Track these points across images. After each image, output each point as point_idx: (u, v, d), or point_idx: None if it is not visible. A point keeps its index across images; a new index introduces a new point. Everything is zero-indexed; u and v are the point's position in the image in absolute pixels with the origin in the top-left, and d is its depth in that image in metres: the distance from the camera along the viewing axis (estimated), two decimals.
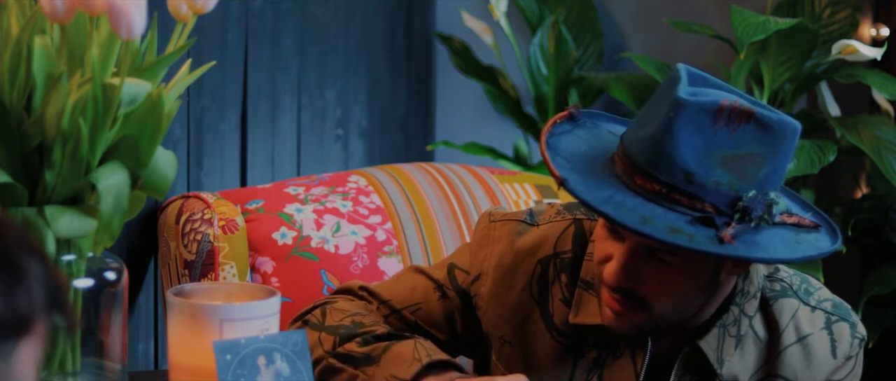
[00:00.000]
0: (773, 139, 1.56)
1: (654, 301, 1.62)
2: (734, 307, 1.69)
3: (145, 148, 1.36)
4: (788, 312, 1.73)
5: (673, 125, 1.54)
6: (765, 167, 1.56)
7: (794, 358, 1.72)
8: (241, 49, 2.65)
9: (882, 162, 2.98)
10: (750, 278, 1.70)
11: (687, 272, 1.61)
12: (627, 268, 1.60)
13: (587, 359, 1.73)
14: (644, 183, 1.56)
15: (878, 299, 3.30)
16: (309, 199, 2.24)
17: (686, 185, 1.54)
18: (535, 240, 1.77)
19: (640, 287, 1.61)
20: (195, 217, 2.17)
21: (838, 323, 1.75)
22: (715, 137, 1.55)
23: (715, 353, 1.68)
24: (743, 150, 1.55)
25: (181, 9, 1.42)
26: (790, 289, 1.75)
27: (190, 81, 1.45)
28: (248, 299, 1.49)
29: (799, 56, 3.14)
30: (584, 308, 1.71)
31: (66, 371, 1.38)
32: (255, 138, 2.70)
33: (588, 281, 1.72)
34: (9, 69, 1.33)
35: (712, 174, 1.54)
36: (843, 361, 1.74)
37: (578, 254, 1.74)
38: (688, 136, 1.54)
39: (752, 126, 1.55)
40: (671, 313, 1.64)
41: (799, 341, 1.72)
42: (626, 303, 1.62)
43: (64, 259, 1.36)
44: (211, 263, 2.13)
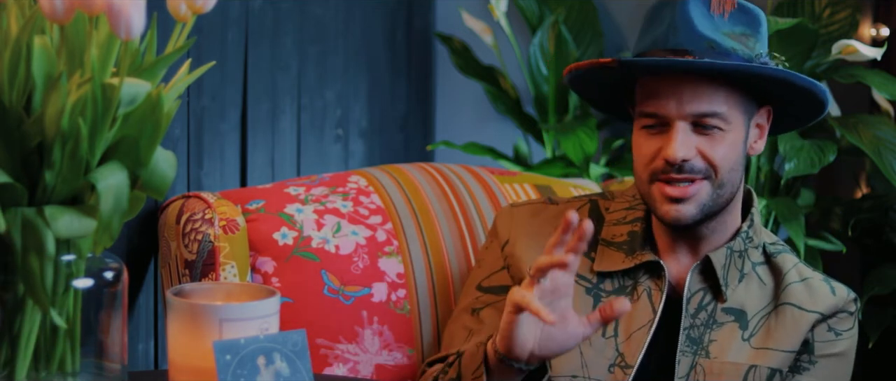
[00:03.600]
0: (755, 22, 1.88)
1: (715, 166, 1.85)
2: (741, 239, 1.93)
3: (145, 148, 1.36)
4: (791, 262, 1.98)
5: (686, 10, 1.85)
6: (758, 43, 1.87)
7: (799, 290, 1.94)
8: (241, 49, 2.65)
9: (882, 162, 2.98)
10: (755, 226, 1.96)
11: (729, 140, 1.85)
12: (682, 141, 1.83)
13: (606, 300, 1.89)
14: (679, 57, 1.83)
15: (878, 299, 3.30)
16: (309, 199, 2.24)
17: (711, 51, 1.83)
18: (555, 212, 2.02)
19: (699, 158, 1.84)
20: (196, 217, 2.17)
21: (836, 282, 1.99)
22: (716, 20, 1.86)
23: (722, 270, 1.91)
24: (738, 30, 1.87)
25: (181, 9, 1.42)
26: (790, 251, 2.00)
27: (190, 80, 1.45)
28: (248, 299, 1.49)
29: (799, 56, 3.13)
30: (607, 259, 1.95)
31: (65, 371, 1.38)
32: (255, 138, 2.70)
33: (608, 241, 1.96)
34: (8, 69, 1.33)
35: (727, 43, 1.85)
36: (844, 308, 1.95)
37: (594, 221, 1.92)
38: (699, 17, 1.85)
39: (739, 11, 1.87)
40: (727, 182, 1.86)
41: (802, 280, 1.96)
42: (690, 180, 1.84)
43: (64, 259, 1.36)
44: (211, 263, 2.13)
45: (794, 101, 1.92)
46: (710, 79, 1.84)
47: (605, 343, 1.91)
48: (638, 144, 1.89)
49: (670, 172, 1.85)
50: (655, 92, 1.86)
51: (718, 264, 1.91)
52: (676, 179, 1.85)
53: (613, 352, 1.90)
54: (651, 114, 1.86)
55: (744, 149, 1.90)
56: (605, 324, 1.75)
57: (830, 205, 3.37)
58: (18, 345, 1.35)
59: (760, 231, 1.99)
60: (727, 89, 1.85)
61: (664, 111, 1.85)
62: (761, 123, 1.94)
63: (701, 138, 1.85)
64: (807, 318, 1.92)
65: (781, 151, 3.03)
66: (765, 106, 1.94)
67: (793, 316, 1.92)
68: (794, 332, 1.92)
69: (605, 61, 1.87)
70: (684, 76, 1.84)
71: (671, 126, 1.85)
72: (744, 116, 1.89)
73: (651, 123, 1.86)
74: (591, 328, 1.69)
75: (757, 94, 1.90)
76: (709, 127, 1.84)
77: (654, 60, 1.84)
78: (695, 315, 1.91)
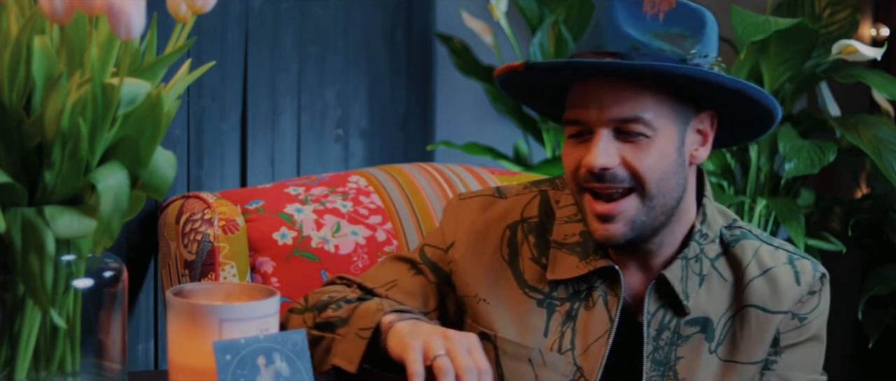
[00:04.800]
0: (696, 22, 1.76)
1: (640, 176, 1.72)
2: (694, 244, 1.82)
3: (145, 148, 1.36)
4: (750, 250, 1.85)
5: (611, 10, 1.75)
6: (697, 44, 1.74)
7: (761, 288, 1.83)
8: (241, 49, 2.65)
9: (882, 162, 2.98)
10: (708, 220, 1.83)
11: (656, 147, 1.73)
12: (603, 149, 1.71)
13: (560, 313, 1.83)
14: (598, 59, 1.73)
15: (878, 300, 3.30)
16: (309, 199, 2.24)
17: (635, 53, 1.72)
18: (504, 209, 1.90)
19: (622, 167, 1.73)
20: (195, 217, 2.17)
21: (800, 260, 1.87)
22: (648, 21, 1.75)
23: (680, 284, 1.80)
24: (674, 30, 1.74)
25: (180, 9, 1.42)
26: (750, 233, 1.87)
27: (190, 80, 1.45)
28: (248, 299, 1.49)
29: (799, 56, 3.14)
30: (560, 265, 1.84)
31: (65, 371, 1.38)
32: (255, 138, 2.70)
33: (560, 242, 1.85)
34: (8, 69, 1.33)
35: (656, 43, 1.73)
36: (808, 292, 1.85)
37: (545, 219, 1.88)
38: (625, 17, 1.74)
39: (677, 11, 1.76)
40: (657, 193, 1.74)
41: (763, 273, 1.84)
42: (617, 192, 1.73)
43: (64, 259, 1.36)
44: (211, 263, 2.13)
45: (737, 107, 1.79)
46: (634, 82, 1.72)
47: (560, 359, 1.81)
48: (565, 153, 1.79)
49: (593, 182, 1.74)
50: (578, 98, 1.75)
51: (675, 279, 1.80)
52: (600, 189, 1.74)
53: (571, 367, 1.81)
54: (574, 121, 1.75)
55: (680, 157, 1.76)
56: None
57: (830, 205, 3.37)
58: (18, 345, 1.35)
59: (715, 218, 1.86)
60: (655, 93, 1.73)
61: (585, 117, 1.73)
62: (703, 129, 1.80)
63: (625, 146, 1.73)
64: (772, 320, 1.82)
65: (781, 151, 3.03)
66: (706, 110, 1.80)
67: (758, 320, 1.82)
68: (760, 339, 1.82)
69: (516, 66, 1.77)
70: (606, 80, 1.73)
71: (594, 133, 1.74)
72: (676, 121, 1.75)
73: (575, 130, 1.76)
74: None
75: (693, 98, 1.77)
76: (632, 134, 1.72)
77: (562, 61, 1.74)
78: (657, 337, 1.80)
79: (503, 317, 1.84)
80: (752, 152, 3.26)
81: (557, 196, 1.89)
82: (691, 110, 1.78)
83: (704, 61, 1.74)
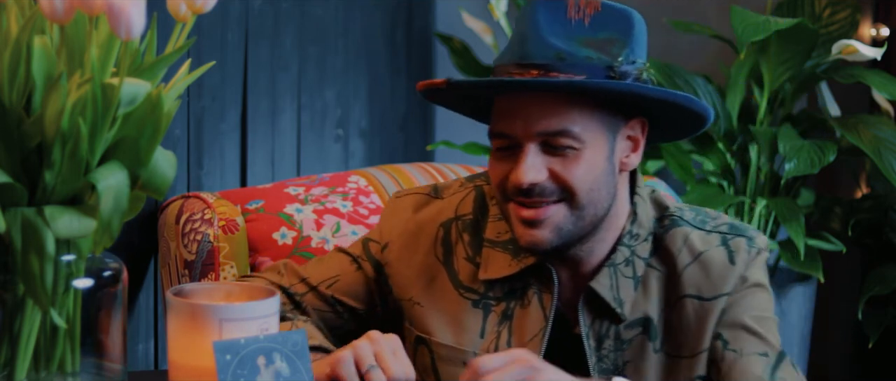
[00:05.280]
0: (624, 25, 1.70)
1: (568, 186, 1.69)
2: (623, 248, 1.77)
3: (145, 148, 1.36)
4: (680, 238, 1.79)
5: (534, 18, 1.69)
6: (625, 49, 1.69)
7: (694, 275, 1.77)
8: (241, 49, 2.65)
9: (882, 162, 2.98)
10: (638, 220, 1.79)
11: (585, 159, 1.69)
12: (530, 164, 1.68)
13: (496, 313, 1.80)
14: (522, 72, 1.68)
15: (879, 300, 3.30)
16: (309, 199, 2.24)
17: (560, 63, 1.67)
18: (438, 208, 1.87)
19: (551, 179, 1.69)
20: (195, 217, 2.17)
21: (734, 239, 1.79)
22: (574, 26, 1.69)
23: (610, 292, 1.75)
24: (601, 35, 1.69)
25: (180, 9, 1.42)
26: (680, 220, 1.81)
27: (190, 80, 1.45)
28: (248, 300, 1.49)
29: (799, 56, 3.14)
30: (492, 264, 1.80)
31: (65, 371, 1.38)
32: (255, 138, 2.70)
33: (493, 240, 1.81)
34: (8, 69, 1.33)
35: (582, 52, 1.67)
36: (743, 272, 1.77)
37: (479, 216, 1.84)
38: (549, 24, 1.69)
39: (603, 14, 1.70)
40: (587, 203, 1.70)
41: (695, 259, 1.77)
42: (544, 203, 1.69)
43: (64, 259, 1.36)
44: (211, 263, 2.13)
45: (664, 108, 1.74)
46: (560, 95, 1.68)
47: None
48: (491, 165, 1.74)
49: (520, 196, 1.70)
50: (504, 111, 1.70)
51: (603, 289, 1.75)
52: (528, 203, 1.70)
53: None
54: (499, 134, 1.71)
55: (610, 166, 1.72)
56: None
57: (830, 205, 3.37)
58: (18, 345, 1.35)
59: (647, 213, 1.81)
60: (582, 105, 1.68)
61: (511, 131, 1.69)
62: (633, 135, 1.76)
63: (553, 159, 1.69)
64: (712, 307, 1.75)
65: (781, 151, 3.03)
66: (636, 117, 1.75)
67: (694, 310, 1.75)
68: (701, 329, 1.75)
69: (437, 82, 1.73)
70: (532, 94, 1.68)
71: (521, 147, 1.69)
72: (605, 131, 1.71)
73: (502, 143, 1.71)
74: None
75: (619, 106, 1.73)
76: (560, 147, 1.68)
77: (484, 81, 1.68)
78: (599, 348, 1.76)
79: (438, 320, 1.81)
80: (752, 152, 3.26)
81: (493, 192, 1.83)
82: (621, 119, 1.73)
83: (632, 68, 1.70)
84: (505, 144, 1.71)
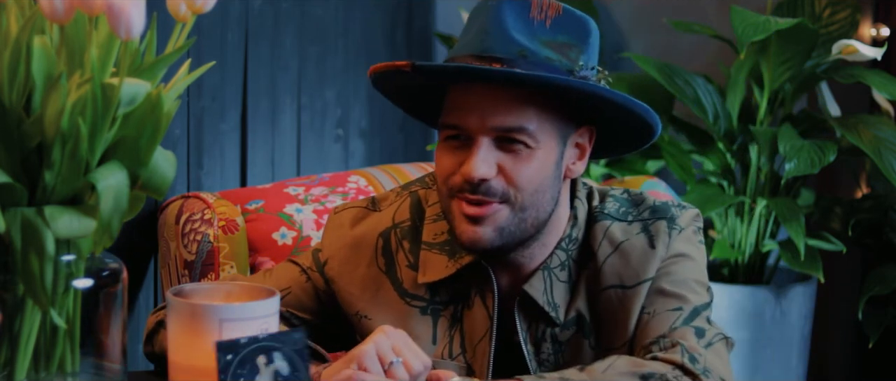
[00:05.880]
0: (581, 31, 1.70)
1: (514, 187, 1.67)
2: (560, 252, 1.75)
3: (145, 148, 1.36)
4: (600, 232, 1.77)
5: (499, 12, 1.67)
6: (583, 55, 1.69)
7: (613, 266, 1.75)
8: (241, 49, 2.65)
9: (882, 162, 2.98)
10: (578, 224, 1.77)
11: (537, 159, 1.67)
12: (483, 158, 1.65)
13: (445, 317, 1.78)
14: (483, 65, 1.65)
15: (879, 300, 3.30)
16: (309, 199, 2.24)
17: (523, 60, 1.65)
18: (376, 219, 1.84)
19: (499, 177, 1.67)
20: (195, 217, 2.17)
21: (655, 223, 1.77)
22: (536, 26, 1.67)
23: (543, 296, 1.74)
24: (560, 39, 1.68)
25: (180, 9, 1.42)
26: (602, 213, 1.78)
27: (190, 80, 1.45)
28: (248, 300, 1.49)
29: (799, 56, 3.14)
30: (431, 267, 1.77)
31: (65, 371, 1.38)
32: (255, 138, 2.70)
33: (430, 242, 1.78)
34: (8, 69, 1.33)
35: (543, 52, 1.66)
36: (664, 254, 1.74)
37: (417, 221, 1.81)
38: (514, 21, 1.67)
39: (564, 18, 1.69)
40: (530, 205, 1.68)
41: (614, 250, 1.75)
42: (487, 202, 1.67)
43: (64, 259, 1.35)
44: (211, 263, 2.13)
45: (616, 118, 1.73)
46: (519, 91, 1.65)
47: (451, 364, 1.76)
48: (439, 157, 1.71)
49: (467, 192, 1.67)
50: (459, 102, 1.68)
51: (537, 293, 1.74)
52: (473, 200, 1.67)
53: (464, 370, 1.76)
54: (453, 125, 1.68)
55: (557, 171, 1.71)
56: None
57: (830, 205, 3.37)
58: (18, 345, 1.35)
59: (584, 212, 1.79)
60: (539, 105, 1.67)
61: (466, 124, 1.66)
62: (581, 143, 1.75)
63: (505, 156, 1.66)
64: (635, 294, 1.73)
65: (781, 151, 3.03)
66: (585, 125, 1.74)
67: (618, 299, 1.73)
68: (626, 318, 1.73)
69: (400, 64, 1.68)
70: (490, 87, 1.66)
71: (474, 141, 1.66)
72: (557, 134, 1.70)
73: (453, 134, 1.68)
74: None
75: (574, 111, 1.71)
76: (515, 143, 1.66)
77: (453, 66, 1.66)
78: (537, 353, 1.75)
79: None
80: (752, 152, 3.26)
81: (428, 195, 1.83)
82: (572, 125, 1.72)
83: (591, 73, 1.69)
84: (456, 135, 1.68)
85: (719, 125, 3.25)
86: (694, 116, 3.39)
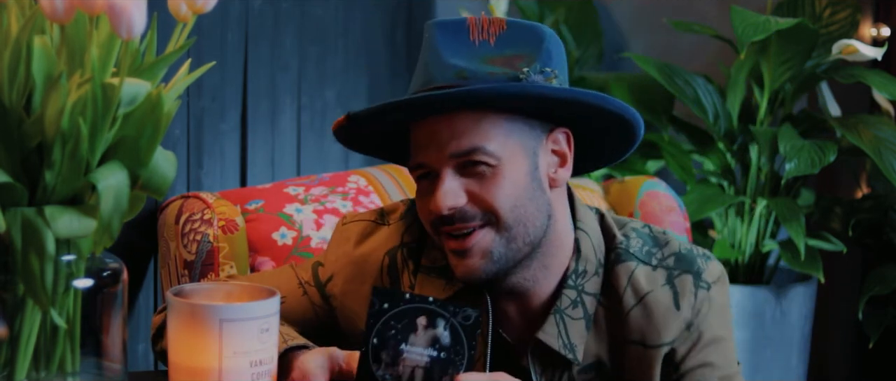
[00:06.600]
0: (532, 40, 1.65)
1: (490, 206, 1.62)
2: (569, 290, 1.70)
3: (145, 148, 1.36)
4: (624, 275, 1.72)
5: (435, 43, 1.65)
6: (534, 62, 1.64)
7: (637, 320, 1.70)
8: (241, 49, 2.65)
9: (882, 162, 2.98)
10: (584, 255, 1.71)
11: (505, 176, 1.63)
12: (446, 190, 1.62)
13: None
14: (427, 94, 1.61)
15: (879, 300, 3.30)
16: (309, 199, 2.24)
17: (462, 80, 1.62)
18: (384, 236, 1.80)
19: (471, 203, 1.63)
20: (195, 217, 2.17)
21: (681, 277, 1.72)
22: (478, 47, 1.64)
23: (557, 340, 1.69)
24: (508, 52, 1.64)
25: (181, 9, 1.42)
26: (626, 252, 1.73)
27: (190, 80, 1.45)
28: (248, 300, 1.49)
29: (799, 56, 3.14)
30: (427, 289, 1.74)
31: (65, 371, 1.38)
32: (255, 138, 2.70)
33: (428, 266, 1.76)
34: (8, 69, 1.33)
35: (486, 68, 1.63)
36: (690, 318, 1.71)
37: (423, 241, 1.78)
38: (450, 46, 1.64)
39: (509, 32, 1.65)
40: (515, 223, 1.64)
41: (639, 302, 1.71)
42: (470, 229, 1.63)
43: (64, 259, 1.35)
44: (211, 263, 2.13)
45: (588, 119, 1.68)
46: (471, 113, 1.62)
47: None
48: (417, 198, 1.69)
49: (445, 225, 1.64)
50: (418, 140, 1.66)
51: (551, 338, 1.68)
52: (454, 231, 1.64)
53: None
54: (418, 165, 1.65)
55: (534, 182, 1.65)
56: None
57: (830, 205, 3.37)
58: (18, 345, 1.35)
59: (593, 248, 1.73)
60: (493, 120, 1.62)
61: (426, 159, 1.64)
62: (558, 150, 1.69)
63: (470, 181, 1.63)
64: (654, 354, 1.70)
65: (782, 151, 3.03)
66: (558, 129, 1.69)
67: (638, 356, 1.71)
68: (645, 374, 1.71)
69: (340, 120, 1.69)
70: (441, 117, 1.62)
71: (438, 174, 1.64)
72: (523, 145, 1.65)
73: (422, 172, 1.66)
74: None
75: (540, 118, 1.67)
76: (475, 166, 1.62)
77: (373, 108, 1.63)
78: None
79: None
80: (752, 152, 3.26)
81: None
82: (541, 131, 1.67)
83: (540, 77, 1.63)
84: (424, 174, 1.66)
85: (719, 125, 3.25)
86: (694, 116, 3.39)
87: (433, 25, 1.66)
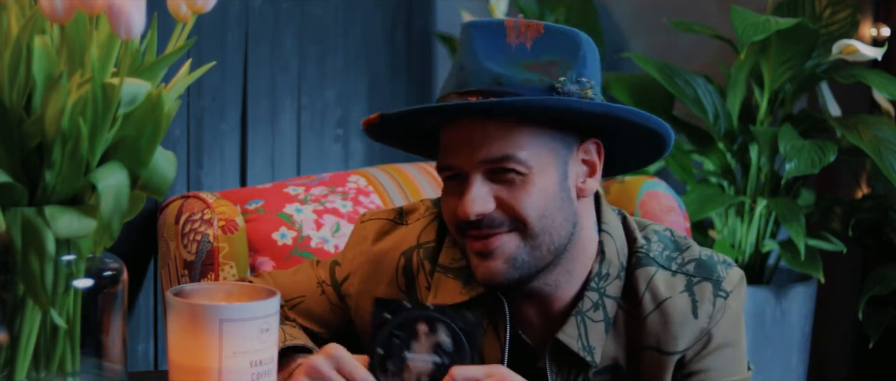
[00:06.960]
0: (569, 46, 1.64)
1: (518, 216, 1.62)
2: (591, 293, 1.70)
3: (145, 148, 1.36)
4: (644, 280, 1.71)
5: (472, 45, 1.63)
6: (571, 70, 1.63)
7: (654, 325, 1.70)
8: (241, 49, 2.65)
9: (882, 162, 2.98)
10: (607, 258, 1.71)
11: (534, 184, 1.62)
12: (476, 196, 1.61)
13: None
14: (461, 100, 1.61)
15: (879, 300, 3.30)
16: (309, 199, 2.24)
17: (498, 87, 1.61)
18: (401, 236, 1.80)
19: (499, 209, 1.62)
20: (195, 217, 2.17)
21: (700, 284, 1.71)
22: (515, 51, 1.63)
23: (577, 342, 1.68)
24: (544, 58, 1.63)
25: (181, 9, 1.41)
26: (647, 257, 1.72)
27: (190, 81, 1.45)
28: (248, 300, 1.49)
29: (799, 56, 3.14)
30: (443, 290, 1.73)
31: (65, 372, 1.38)
32: (255, 138, 2.70)
33: (446, 266, 1.75)
34: (9, 69, 1.33)
35: (522, 75, 1.62)
36: (706, 326, 1.70)
37: (440, 242, 1.77)
38: (487, 50, 1.63)
39: (546, 37, 1.64)
40: (541, 232, 1.63)
41: (657, 307, 1.70)
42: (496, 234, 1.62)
43: (64, 259, 1.35)
44: (211, 263, 2.13)
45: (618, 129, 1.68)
46: (503, 120, 1.61)
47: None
48: (443, 199, 1.68)
49: (471, 229, 1.63)
50: (448, 142, 1.65)
51: (571, 340, 1.68)
52: (479, 235, 1.63)
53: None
54: (447, 166, 1.65)
55: (563, 191, 1.65)
56: None
57: (830, 205, 3.37)
58: (18, 345, 1.35)
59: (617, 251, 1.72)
60: (526, 129, 1.62)
61: (456, 162, 1.63)
62: (589, 159, 1.69)
63: (500, 187, 1.62)
64: (668, 361, 1.70)
65: (782, 151, 3.03)
66: (591, 139, 1.69)
67: (653, 361, 1.70)
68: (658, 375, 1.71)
69: (372, 118, 1.67)
70: (473, 121, 1.62)
71: (467, 178, 1.63)
72: (554, 155, 1.64)
73: (451, 174, 1.65)
74: None
75: (572, 128, 1.66)
76: (506, 173, 1.61)
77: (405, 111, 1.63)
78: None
79: None
80: (752, 152, 3.26)
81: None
82: (573, 141, 1.67)
83: (577, 87, 1.62)
84: (454, 175, 1.65)
85: (719, 125, 3.25)
86: (694, 116, 3.39)
87: (470, 26, 1.66)
